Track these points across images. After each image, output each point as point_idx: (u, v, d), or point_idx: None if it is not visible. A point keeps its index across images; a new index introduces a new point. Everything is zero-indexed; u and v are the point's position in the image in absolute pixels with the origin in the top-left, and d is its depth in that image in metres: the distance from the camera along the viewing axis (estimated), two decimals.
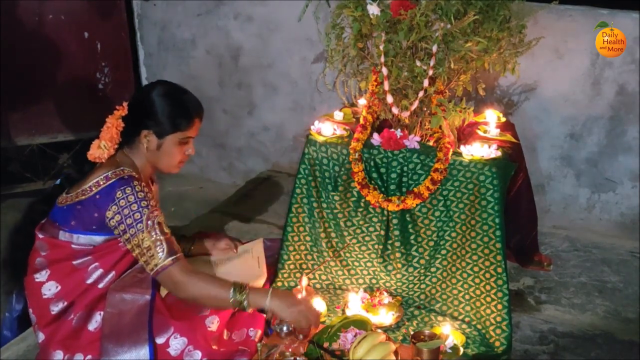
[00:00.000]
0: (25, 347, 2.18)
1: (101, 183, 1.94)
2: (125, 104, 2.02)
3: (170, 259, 1.91)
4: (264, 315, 2.24)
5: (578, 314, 2.54)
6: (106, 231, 1.99)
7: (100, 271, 2.02)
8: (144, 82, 4.01)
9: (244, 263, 2.39)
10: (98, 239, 2.01)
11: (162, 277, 1.93)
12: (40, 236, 2.04)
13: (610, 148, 3.09)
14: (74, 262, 2.01)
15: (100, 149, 1.97)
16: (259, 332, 2.16)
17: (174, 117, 2.02)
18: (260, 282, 2.29)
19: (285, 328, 2.18)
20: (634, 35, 2.83)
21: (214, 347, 2.02)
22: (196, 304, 1.98)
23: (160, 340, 1.96)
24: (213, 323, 2.05)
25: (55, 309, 2.00)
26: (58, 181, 2.12)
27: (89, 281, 2.01)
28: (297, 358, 2.05)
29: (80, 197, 1.96)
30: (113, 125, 1.97)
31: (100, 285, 2.02)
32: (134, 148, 2.06)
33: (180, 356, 1.95)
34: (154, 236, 1.91)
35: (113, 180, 1.94)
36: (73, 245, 2.01)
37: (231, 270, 2.34)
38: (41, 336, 2.02)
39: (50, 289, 2.01)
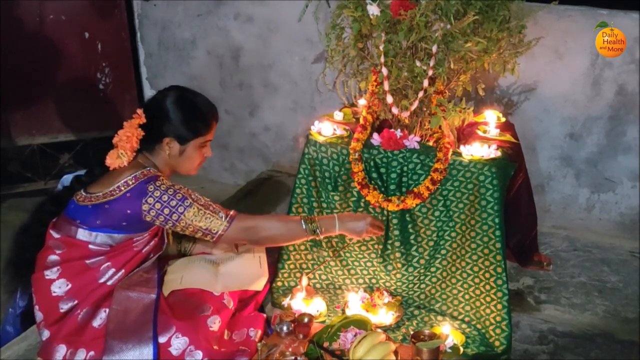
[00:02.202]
0: (25, 346, 2.18)
1: (130, 183, 1.97)
2: (140, 111, 2.03)
3: (230, 214, 2.03)
4: (264, 315, 2.26)
5: (578, 313, 2.54)
6: (131, 229, 2.02)
7: (112, 270, 2.04)
8: (144, 82, 4.01)
9: (245, 262, 2.39)
10: (117, 237, 2.03)
11: (231, 232, 2.01)
12: (56, 236, 2.04)
13: (610, 148, 3.09)
14: (87, 261, 2.02)
15: (119, 158, 1.99)
16: (259, 332, 2.17)
17: (193, 123, 2.08)
18: (262, 282, 2.29)
19: (285, 328, 2.19)
20: (634, 35, 2.84)
21: (215, 347, 2.02)
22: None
23: (162, 340, 1.96)
24: (214, 323, 2.05)
25: (65, 307, 2.00)
26: (68, 183, 2.12)
27: (101, 280, 2.03)
28: (297, 358, 2.06)
29: (108, 198, 1.98)
30: (133, 135, 2.00)
31: (109, 283, 2.03)
32: (155, 154, 2.10)
33: (181, 356, 1.95)
34: (204, 206, 2.00)
35: (142, 179, 1.98)
36: (90, 246, 2.02)
37: (232, 270, 2.33)
38: (46, 334, 2.01)
39: (60, 286, 2.01)
